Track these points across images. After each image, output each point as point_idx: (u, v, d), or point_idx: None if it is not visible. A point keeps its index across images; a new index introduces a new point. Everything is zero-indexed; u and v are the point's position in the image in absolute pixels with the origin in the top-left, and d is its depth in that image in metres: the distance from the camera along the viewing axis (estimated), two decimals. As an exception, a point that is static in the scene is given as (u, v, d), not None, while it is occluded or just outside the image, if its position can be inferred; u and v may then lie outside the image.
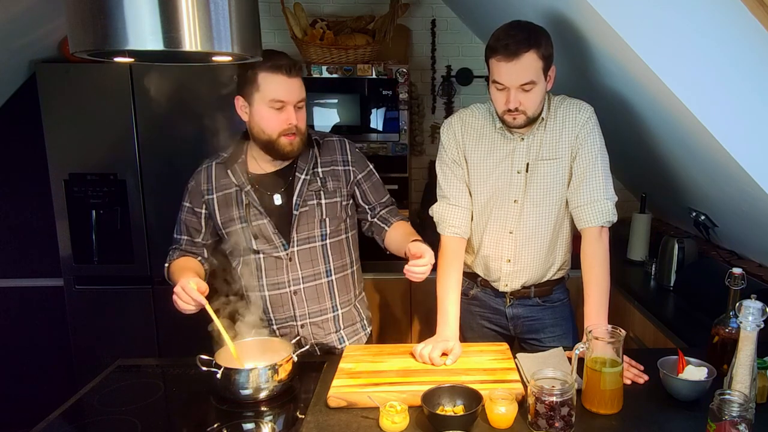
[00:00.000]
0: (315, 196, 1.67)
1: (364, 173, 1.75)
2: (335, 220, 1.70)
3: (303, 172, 1.66)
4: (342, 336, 1.78)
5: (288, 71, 1.54)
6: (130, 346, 2.78)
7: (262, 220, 1.65)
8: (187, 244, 1.75)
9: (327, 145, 1.73)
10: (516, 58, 1.54)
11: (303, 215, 1.66)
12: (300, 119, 1.60)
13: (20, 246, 3.05)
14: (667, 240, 2.43)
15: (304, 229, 1.66)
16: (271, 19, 3.08)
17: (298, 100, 1.58)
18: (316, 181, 1.67)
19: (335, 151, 1.72)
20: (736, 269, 1.44)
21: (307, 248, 1.68)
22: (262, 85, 1.55)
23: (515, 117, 1.62)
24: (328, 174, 1.69)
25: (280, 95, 1.54)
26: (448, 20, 3.16)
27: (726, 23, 1.49)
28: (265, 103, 1.56)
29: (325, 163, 1.70)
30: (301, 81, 1.59)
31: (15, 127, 2.93)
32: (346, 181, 1.72)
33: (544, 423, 1.24)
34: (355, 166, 1.73)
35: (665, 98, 1.68)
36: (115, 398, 1.50)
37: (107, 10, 1.10)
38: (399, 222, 1.75)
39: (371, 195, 1.76)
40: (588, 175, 1.67)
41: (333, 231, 1.70)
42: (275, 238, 1.65)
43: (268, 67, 1.53)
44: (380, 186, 1.79)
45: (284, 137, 1.58)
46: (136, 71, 2.58)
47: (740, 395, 1.15)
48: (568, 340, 1.84)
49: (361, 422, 1.32)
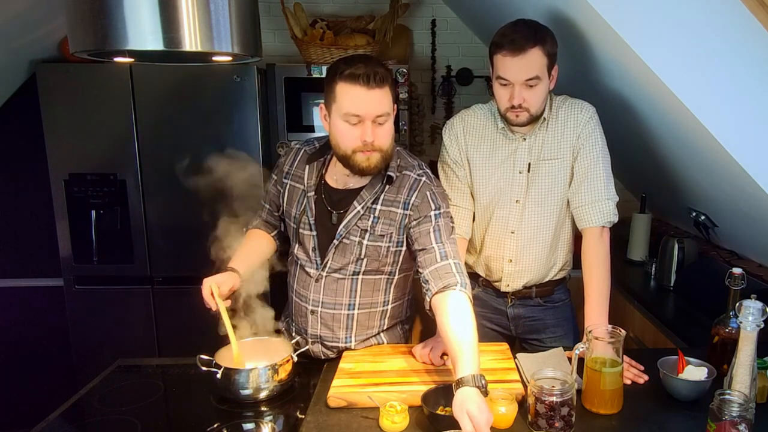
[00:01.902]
0: (359, 234, 1.52)
1: (419, 219, 1.51)
2: (375, 263, 1.56)
3: (361, 204, 1.52)
4: None
5: (367, 81, 1.37)
6: (130, 346, 2.78)
7: (309, 232, 1.58)
8: (268, 214, 1.75)
9: (400, 180, 1.53)
10: (522, 53, 1.54)
11: (342, 246, 1.54)
12: (380, 136, 1.42)
13: (20, 246, 3.05)
14: (667, 240, 2.43)
15: (339, 260, 1.55)
16: (271, 19, 3.08)
17: (378, 115, 1.41)
18: (368, 218, 1.52)
19: (404, 190, 1.52)
20: (736, 269, 1.44)
21: (336, 278, 1.57)
22: (339, 96, 1.41)
23: (518, 114, 1.62)
24: (383, 214, 1.52)
25: (355, 109, 1.39)
26: (448, 20, 3.16)
27: (726, 23, 1.49)
28: (341, 116, 1.42)
29: (387, 202, 1.52)
30: (387, 92, 1.42)
31: (15, 127, 2.93)
32: (400, 226, 1.53)
33: (544, 423, 1.24)
34: (413, 211, 1.51)
35: (665, 98, 1.68)
36: (115, 398, 1.50)
37: (107, 10, 1.10)
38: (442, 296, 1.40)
39: (414, 243, 1.52)
40: (589, 175, 1.67)
41: (370, 270, 1.57)
42: (312, 255, 1.58)
43: (346, 76, 1.39)
44: (431, 233, 1.49)
45: (360, 153, 1.43)
46: (136, 71, 2.58)
47: (740, 395, 1.15)
48: (569, 340, 1.84)
49: (361, 422, 1.32)
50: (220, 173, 1.81)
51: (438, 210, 1.51)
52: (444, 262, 1.45)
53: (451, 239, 1.51)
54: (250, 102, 2.58)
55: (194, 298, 1.54)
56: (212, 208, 1.79)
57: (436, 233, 1.48)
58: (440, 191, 1.56)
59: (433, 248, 1.47)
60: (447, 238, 1.50)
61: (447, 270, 1.43)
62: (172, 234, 2.67)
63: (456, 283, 1.40)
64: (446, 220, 1.53)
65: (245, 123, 2.60)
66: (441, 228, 1.50)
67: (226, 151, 1.82)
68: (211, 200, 1.79)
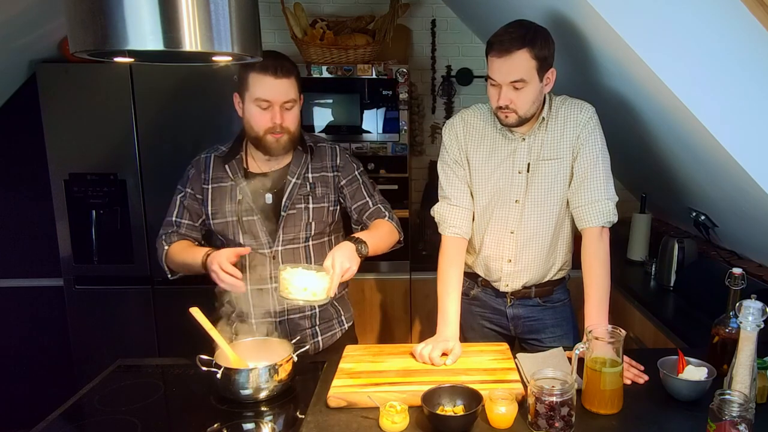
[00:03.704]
0: (303, 200, 1.72)
1: (348, 178, 1.78)
2: (321, 224, 1.75)
3: (294, 176, 1.71)
4: (316, 331, 1.80)
5: (275, 72, 1.58)
6: (130, 346, 2.78)
7: (252, 217, 1.70)
8: (188, 228, 1.76)
9: (319, 150, 1.77)
10: (507, 54, 1.55)
11: (290, 217, 1.70)
12: (287, 119, 1.63)
13: (20, 246, 3.05)
14: (667, 240, 2.43)
15: (290, 231, 1.71)
16: (271, 19, 3.08)
17: (285, 101, 1.61)
18: (306, 186, 1.72)
19: (326, 157, 1.77)
20: (736, 269, 1.44)
21: (291, 248, 1.72)
22: (251, 84, 1.61)
23: (507, 115, 1.63)
24: (317, 179, 1.74)
25: (265, 95, 1.59)
26: (448, 20, 3.16)
27: (725, 23, 1.49)
28: (253, 102, 1.61)
29: (316, 169, 1.75)
30: (293, 82, 1.63)
31: (15, 127, 2.93)
32: (334, 186, 1.77)
33: (544, 423, 1.24)
34: (341, 172, 1.77)
35: (665, 98, 1.68)
36: (115, 398, 1.50)
37: (107, 10, 1.10)
38: (375, 222, 1.76)
39: (349, 200, 1.78)
40: (589, 175, 1.67)
41: (317, 234, 1.75)
42: (262, 236, 1.70)
43: (257, 67, 1.59)
44: (361, 190, 1.79)
45: (270, 135, 1.63)
46: (136, 71, 2.58)
47: (740, 395, 1.15)
48: (568, 340, 1.84)
49: (361, 422, 1.32)
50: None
51: (359, 168, 1.81)
52: (375, 207, 1.79)
53: (376, 190, 1.84)
54: (250, 102, 2.58)
55: (194, 298, 1.54)
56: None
57: (365, 188, 1.80)
58: (351, 155, 1.84)
59: (366, 201, 1.78)
60: (374, 190, 1.82)
61: (379, 211, 1.79)
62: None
63: (385, 216, 1.77)
64: (367, 176, 1.83)
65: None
66: (367, 182, 1.81)
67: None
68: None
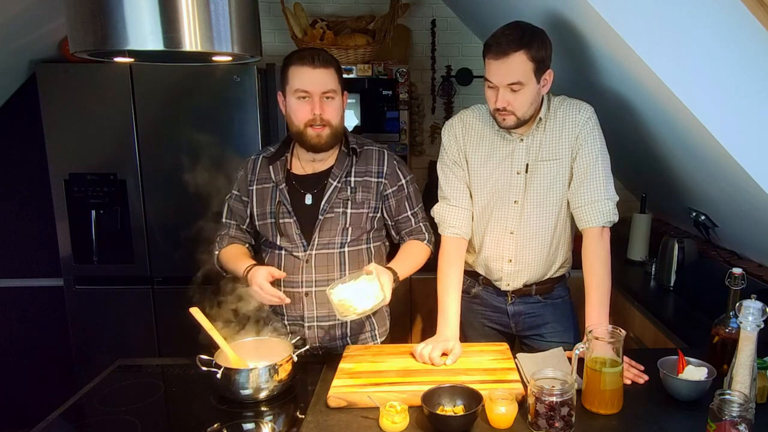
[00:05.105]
0: (342, 205, 1.68)
1: (394, 188, 1.73)
2: (358, 230, 1.70)
3: (336, 179, 1.69)
4: (348, 342, 1.77)
5: (312, 62, 1.58)
6: (130, 346, 2.78)
7: (289, 219, 1.69)
8: (237, 230, 1.80)
9: (365, 154, 1.73)
10: (504, 57, 1.55)
11: (327, 221, 1.68)
12: (327, 110, 1.61)
13: (20, 246, 3.05)
14: (667, 240, 2.43)
15: (326, 235, 1.68)
16: (271, 19, 3.08)
17: (324, 91, 1.60)
18: (346, 190, 1.69)
19: (372, 162, 1.73)
20: (736, 269, 1.44)
21: (325, 253, 1.69)
22: (290, 77, 1.61)
23: (505, 117, 1.63)
24: (359, 184, 1.70)
25: (304, 85, 1.59)
26: (448, 20, 3.16)
27: (726, 23, 1.49)
28: (293, 94, 1.61)
29: (359, 173, 1.71)
30: (332, 73, 1.61)
31: (15, 127, 2.93)
32: (377, 193, 1.72)
33: (544, 423, 1.24)
34: (387, 179, 1.73)
35: (665, 98, 1.68)
36: (115, 398, 1.50)
37: (107, 10, 1.10)
38: (412, 243, 1.76)
39: (392, 210, 1.76)
40: (588, 175, 1.67)
41: (354, 240, 1.71)
42: (297, 239, 1.69)
43: (295, 59, 1.61)
44: (405, 203, 1.76)
45: (311, 128, 1.61)
46: (136, 71, 2.57)
47: (740, 395, 1.15)
48: (569, 336, 1.85)
49: (361, 422, 1.32)
50: (220, 173, 1.81)
51: (407, 177, 1.76)
52: (416, 226, 1.78)
53: (419, 202, 1.80)
54: (250, 102, 2.58)
55: (194, 298, 1.54)
56: (212, 208, 1.80)
57: (409, 200, 1.77)
58: (400, 160, 1.79)
59: (408, 217, 1.77)
60: (417, 202, 1.79)
61: (420, 230, 1.78)
62: (172, 234, 2.66)
63: (424, 239, 1.78)
64: (414, 185, 1.79)
65: (245, 123, 2.60)
66: (412, 194, 1.77)
67: (226, 151, 1.82)
68: (211, 200, 1.79)
